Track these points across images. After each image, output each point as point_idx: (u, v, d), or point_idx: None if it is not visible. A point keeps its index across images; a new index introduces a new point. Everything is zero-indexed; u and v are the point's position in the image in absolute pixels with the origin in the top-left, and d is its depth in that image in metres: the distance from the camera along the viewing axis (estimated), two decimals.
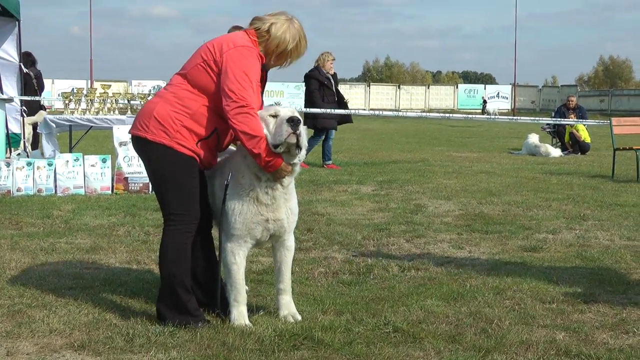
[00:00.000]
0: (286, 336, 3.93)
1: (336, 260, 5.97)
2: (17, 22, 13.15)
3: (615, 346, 3.92)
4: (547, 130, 19.49)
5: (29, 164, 9.66)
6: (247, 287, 4.48)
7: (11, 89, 13.25)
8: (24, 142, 13.10)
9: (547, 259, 6.05)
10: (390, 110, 52.05)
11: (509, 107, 59.67)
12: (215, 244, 4.48)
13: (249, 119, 3.98)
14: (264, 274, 5.41)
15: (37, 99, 14.08)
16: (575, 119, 17.90)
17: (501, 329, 4.17)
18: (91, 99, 11.16)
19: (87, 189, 9.73)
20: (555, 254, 6.27)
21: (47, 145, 10.81)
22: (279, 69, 4.44)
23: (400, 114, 27.18)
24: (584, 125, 17.76)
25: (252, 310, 4.37)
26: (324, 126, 13.38)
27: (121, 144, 9.80)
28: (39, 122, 11.80)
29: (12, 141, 12.07)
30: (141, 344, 3.85)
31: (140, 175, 9.61)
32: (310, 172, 12.15)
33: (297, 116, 4.01)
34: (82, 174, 9.76)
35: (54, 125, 10.78)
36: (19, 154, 11.41)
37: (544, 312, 4.51)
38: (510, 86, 63.77)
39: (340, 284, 5.21)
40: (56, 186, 9.67)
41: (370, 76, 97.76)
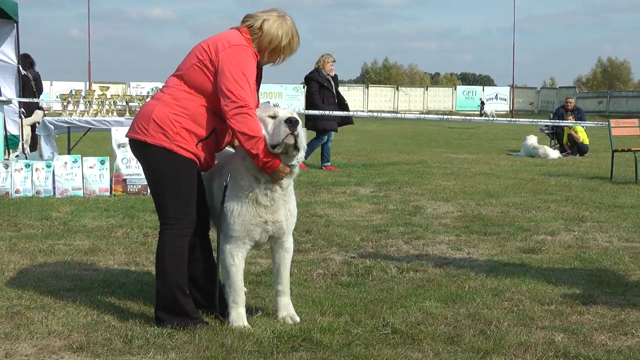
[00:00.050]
0: (285, 338, 3.93)
1: (335, 261, 5.96)
2: (15, 24, 13.16)
3: (613, 347, 3.92)
4: (546, 131, 19.50)
5: (28, 166, 9.66)
6: (245, 289, 4.48)
7: (9, 90, 13.25)
8: (23, 143, 13.11)
9: (546, 261, 6.05)
10: (388, 111, 52.05)
11: (507, 109, 59.66)
12: (213, 245, 4.48)
13: (247, 119, 3.98)
14: (263, 276, 5.41)
15: (35, 100, 14.08)
16: (573, 121, 17.93)
17: (500, 330, 4.17)
18: (89, 101, 11.14)
19: (86, 191, 9.73)
20: (553, 255, 6.27)
21: (46, 147, 10.79)
22: (272, 65, 4.44)
23: (398, 115, 27.16)
24: (583, 126, 17.79)
25: (250, 311, 4.37)
26: (324, 128, 13.39)
27: (119, 145, 9.80)
28: (38, 124, 11.80)
29: (10, 143, 12.08)
30: (140, 345, 3.85)
31: (138, 177, 9.60)
32: (308, 173, 12.15)
33: (296, 117, 4.01)
34: (81, 176, 9.75)
35: (53, 127, 10.77)
36: (18, 156, 11.41)
37: (542, 314, 4.51)
38: (508, 88, 63.76)
39: (338, 285, 5.20)
40: (54, 188, 9.66)
41: (368, 78, 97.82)
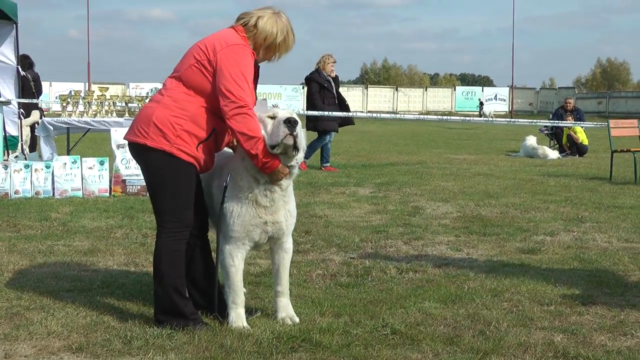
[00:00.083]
0: (284, 338, 3.93)
1: (334, 262, 5.96)
2: (14, 25, 13.17)
3: (613, 348, 3.92)
4: (545, 132, 19.51)
5: (27, 167, 9.66)
6: (245, 290, 4.48)
7: (8, 91, 13.26)
8: (22, 144, 13.12)
9: (545, 261, 6.05)
10: (387, 112, 52.06)
11: (506, 110, 59.68)
12: (212, 246, 4.48)
13: (247, 119, 3.97)
14: (262, 276, 5.41)
15: (34, 101, 14.08)
16: (573, 121, 17.93)
17: (499, 331, 4.17)
18: (89, 102, 11.15)
19: (85, 192, 9.73)
20: (553, 256, 6.27)
21: (45, 147, 10.79)
22: (268, 63, 4.44)
23: (397, 116, 27.17)
24: (582, 127, 17.79)
25: (250, 312, 4.37)
26: (324, 128, 13.38)
27: (119, 146, 9.80)
28: (37, 124, 11.80)
29: (9, 144, 12.09)
30: (139, 346, 3.85)
31: (137, 177, 9.60)
32: (308, 174, 12.15)
33: (295, 117, 4.01)
34: (80, 177, 9.75)
35: (52, 127, 10.77)
36: (17, 157, 11.41)
37: (542, 314, 4.51)
38: (508, 88, 63.76)
39: (338, 286, 5.20)
40: (54, 188, 9.66)
41: (367, 78, 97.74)
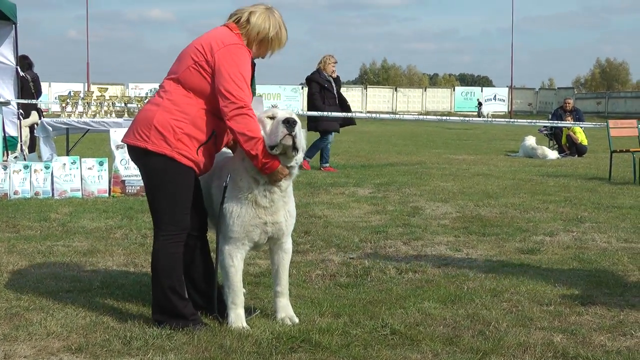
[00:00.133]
0: (283, 339, 3.93)
1: (333, 262, 5.96)
2: (13, 26, 13.17)
3: (612, 348, 3.92)
4: (544, 132, 19.52)
5: (26, 167, 9.65)
6: (244, 290, 4.48)
7: (8, 92, 13.26)
8: (21, 145, 13.11)
9: (545, 261, 6.05)
10: (387, 112, 52.04)
11: (505, 110, 59.68)
12: (211, 247, 4.48)
13: (247, 120, 3.97)
14: (262, 277, 5.41)
15: (33, 102, 14.08)
16: (572, 122, 17.94)
17: (499, 331, 4.17)
18: (88, 102, 11.15)
19: (84, 192, 9.72)
20: (552, 256, 6.28)
21: (45, 148, 10.80)
22: (262, 59, 4.43)
23: (397, 116, 27.12)
24: (581, 127, 17.80)
25: (249, 312, 4.37)
26: (325, 129, 13.37)
27: (118, 147, 9.79)
28: (36, 125, 11.80)
29: (9, 144, 12.08)
30: (138, 346, 3.85)
31: (137, 178, 9.59)
32: (307, 174, 12.15)
33: (294, 118, 4.00)
34: (79, 177, 9.75)
35: (51, 128, 10.78)
36: (16, 157, 11.40)
37: (541, 314, 4.52)
38: (507, 89, 63.76)
39: (337, 286, 5.20)
40: (53, 189, 9.65)
41: (367, 79, 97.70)
